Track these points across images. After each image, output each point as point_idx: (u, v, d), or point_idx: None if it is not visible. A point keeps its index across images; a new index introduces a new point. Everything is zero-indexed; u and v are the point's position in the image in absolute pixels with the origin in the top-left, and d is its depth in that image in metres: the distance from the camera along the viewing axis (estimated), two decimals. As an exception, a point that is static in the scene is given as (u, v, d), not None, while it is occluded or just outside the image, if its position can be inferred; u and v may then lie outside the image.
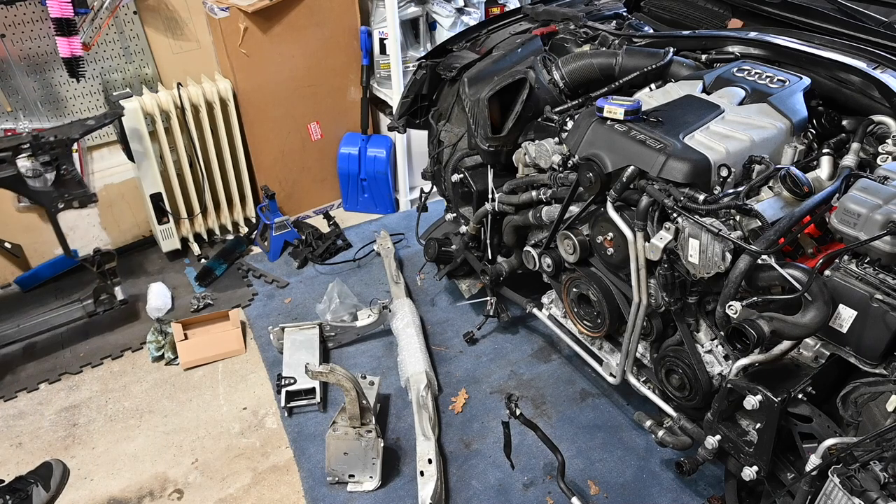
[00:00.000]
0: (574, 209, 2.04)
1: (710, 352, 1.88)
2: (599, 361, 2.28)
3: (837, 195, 1.60)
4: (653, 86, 2.14)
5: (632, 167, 1.77)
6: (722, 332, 1.63)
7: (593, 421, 2.47)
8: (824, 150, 1.79)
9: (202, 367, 2.72)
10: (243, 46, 3.06)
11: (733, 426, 1.72)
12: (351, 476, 2.23)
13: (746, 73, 2.00)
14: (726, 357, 1.85)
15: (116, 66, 2.98)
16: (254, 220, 3.46)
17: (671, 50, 2.19)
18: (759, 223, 1.58)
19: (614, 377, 2.19)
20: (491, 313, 2.76)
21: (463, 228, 2.65)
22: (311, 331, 2.73)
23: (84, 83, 2.92)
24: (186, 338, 2.76)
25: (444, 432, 2.43)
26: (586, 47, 2.46)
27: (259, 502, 2.22)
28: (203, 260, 3.27)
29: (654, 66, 2.16)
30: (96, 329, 2.88)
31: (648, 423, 2.07)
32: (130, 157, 2.97)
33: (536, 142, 2.18)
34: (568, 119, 2.14)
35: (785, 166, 1.67)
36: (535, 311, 2.52)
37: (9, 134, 2.82)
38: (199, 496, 2.24)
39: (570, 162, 2.00)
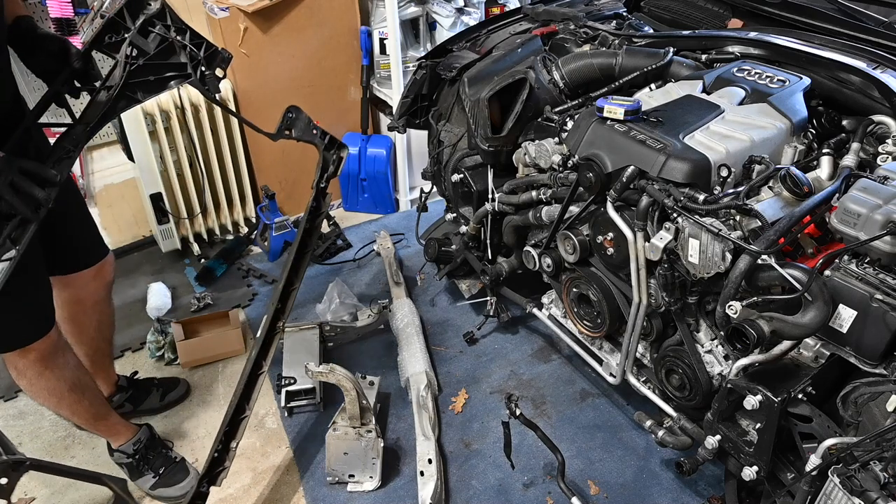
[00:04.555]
0: (574, 209, 2.04)
1: (710, 352, 1.88)
2: (599, 361, 2.28)
3: (837, 195, 1.59)
4: (653, 86, 2.14)
5: (632, 167, 1.76)
6: (722, 332, 1.63)
7: (593, 421, 2.47)
8: (824, 150, 1.79)
9: (202, 367, 2.72)
10: (243, 46, 3.06)
11: (733, 426, 1.72)
12: (351, 476, 2.23)
13: (746, 73, 2.00)
14: (726, 357, 1.85)
15: (116, 66, 2.97)
16: (254, 220, 3.45)
17: (671, 50, 2.19)
18: (759, 223, 1.58)
19: (614, 377, 2.19)
20: (491, 313, 2.76)
21: (463, 228, 2.65)
22: (311, 331, 2.72)
23: (84, 83, 2.92)
24: (186, 338, 2.76)
25: (444, 432, 2.43)
26: (586, 47, 2.46)
27: (259, 502, 2.21)
28: (203, 260, 3.26)
29: (654, 66, 2.16)
30: (96, 329, 2.88)
31: (648, 423, 2.07)
32: (130, 157, 2.97)
33: (536, 142, 2.18)
34: (568, 119, 2.14)
35: (785, 166, 1.67)
36: (535, 311, 2.52)
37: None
38: (199, 496, 2.24)
39: (570, 162, 2.00)
